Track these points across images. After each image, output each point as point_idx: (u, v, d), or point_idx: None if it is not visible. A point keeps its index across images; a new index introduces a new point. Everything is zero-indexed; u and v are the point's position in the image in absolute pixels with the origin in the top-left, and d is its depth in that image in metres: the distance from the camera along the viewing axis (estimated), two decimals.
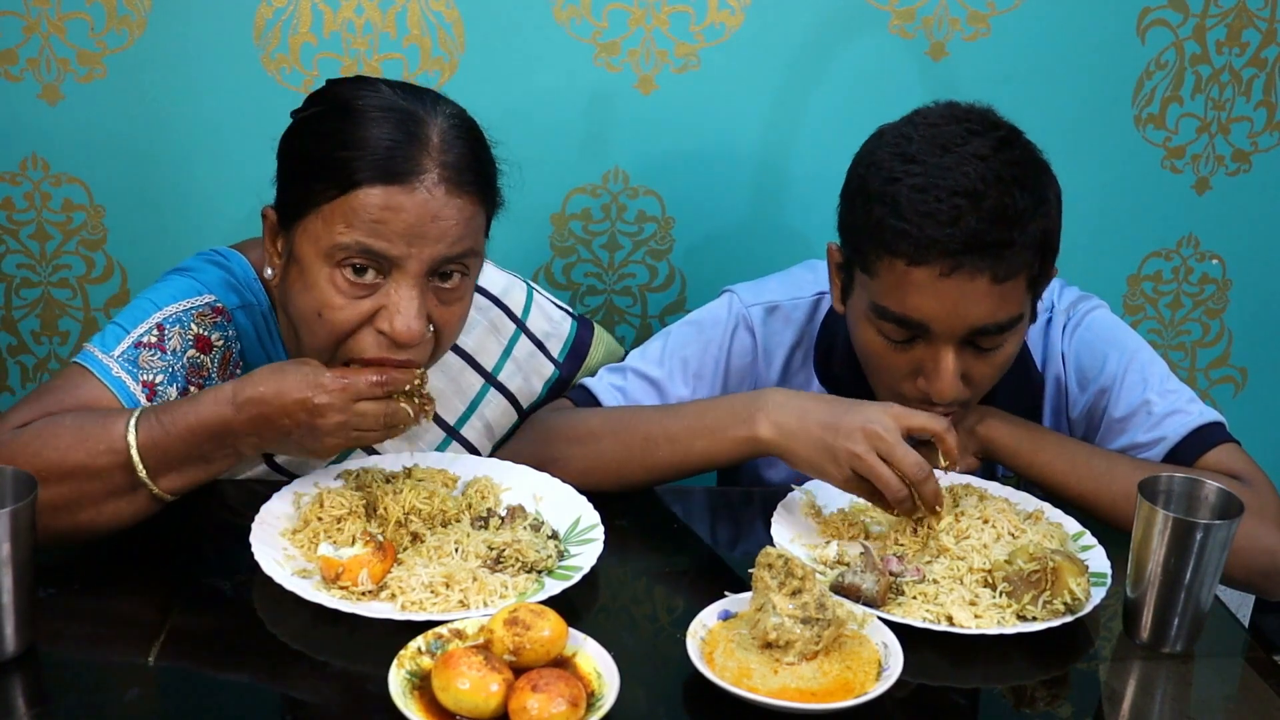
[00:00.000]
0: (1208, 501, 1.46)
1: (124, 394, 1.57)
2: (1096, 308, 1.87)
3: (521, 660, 1.26)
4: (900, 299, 1.62)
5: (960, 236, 1.56)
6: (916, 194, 1.58)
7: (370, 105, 1.53)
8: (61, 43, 2.12)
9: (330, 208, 1.50)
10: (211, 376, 1.65)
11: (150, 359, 1.60)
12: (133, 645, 1.39)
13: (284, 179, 1.59)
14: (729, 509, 1.80)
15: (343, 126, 1.52)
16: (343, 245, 1.49)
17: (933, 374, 1.64)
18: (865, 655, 1.34)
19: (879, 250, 1.62)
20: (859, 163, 1.69)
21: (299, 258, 1.54)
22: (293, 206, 1.55)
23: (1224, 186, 2.47)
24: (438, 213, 1.50)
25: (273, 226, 1.60)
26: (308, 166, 1.53)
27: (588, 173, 2.33)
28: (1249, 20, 2.35)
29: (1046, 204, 1.63)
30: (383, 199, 1.49)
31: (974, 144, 1.60)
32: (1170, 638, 1.43)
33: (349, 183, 1.49)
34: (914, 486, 1.53)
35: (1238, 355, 2.62)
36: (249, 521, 1.50)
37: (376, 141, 1.50)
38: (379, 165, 1.49)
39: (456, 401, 1.82)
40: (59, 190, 2.22)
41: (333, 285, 1.51)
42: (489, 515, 1.56)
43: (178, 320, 1.63)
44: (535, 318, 1.88)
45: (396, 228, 1.49)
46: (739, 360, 1.86)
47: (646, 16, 2.22)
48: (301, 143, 1.57)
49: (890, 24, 2.27)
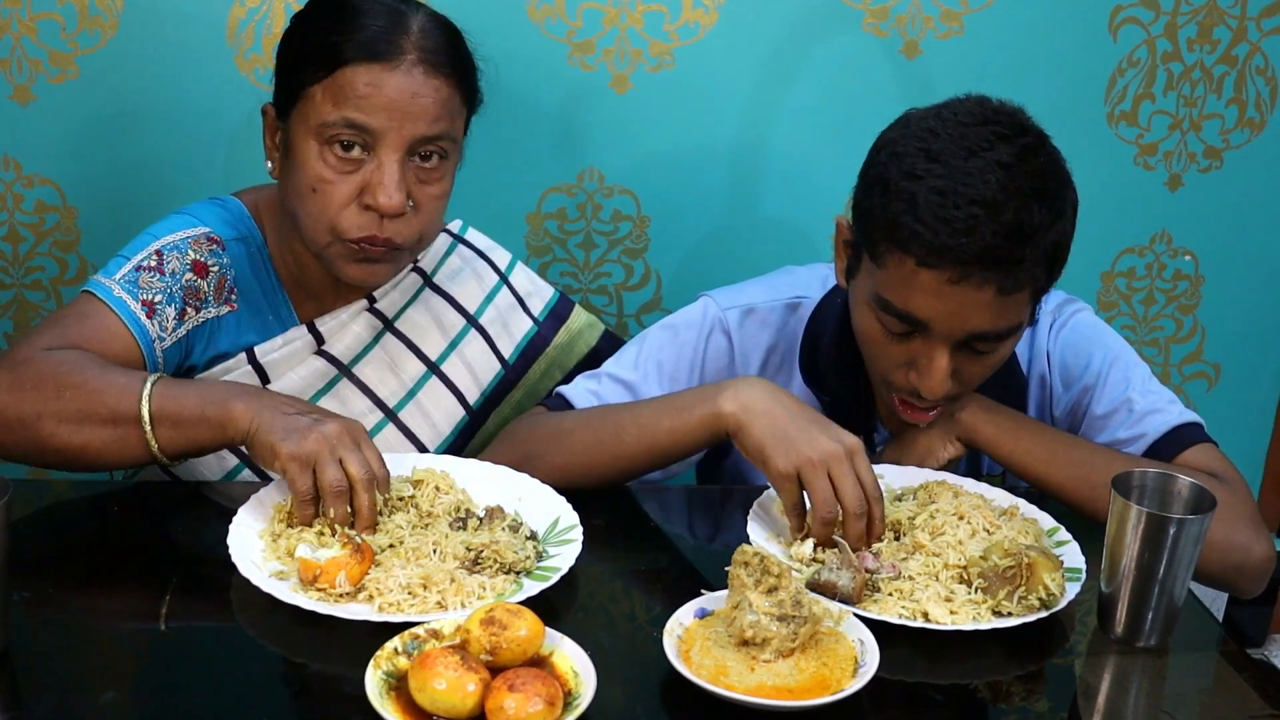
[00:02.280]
0: (1181, 496, 1.47)
1: (125, 312, 1.67)
2: (1081, 310, 1.89)
3: (498, 660, 1.26)
4: (905, 296, 1.62)
5: (973, 247, 1.56)
6: (935, 196, 1.57)
7: (361, 2, 1.68)
8: (33, 43, 2.11)
9: (319, 88, 1.65)
10: (208, 299, 1.75)
11: (150, 280, 1.70)
12: (108, 648, 1.38)
13: (280, 73, 1.73)
14: (706, 507, 1.81)
15: (334, 17, 1.68)
16: (329, 122, 1.65)
17: (924, 370, 1.65)
18: (841, 652, 1.34)
19: (890, 244, 1.61)
20: (882, 147, 1.67)
21: (293, 142, 1.69)
22: (287, 95, 1.70)
23: (1196, 183, 2.49)
24: (417, 90, 1.65)
25: (271, 122, 1.74)
26: (301, 54, 1.69)
27: (563, 172, 2.33)
28: (1220, 18, 2.37)
29: (1063, 217, 1.63)
30: (366, 76, 1.64)
31: (999, 150, 1.59)
32: (1145, 632, 1.44)
33: (336, 62, 1.64)
34: (845, 517, 1.52)
35: (1210, 351, 2.64)
36: (226, 523, 1.49)
37: (363, 27, 1.65)
38: (364, 45, 1.64)
39: (438, 337, 1.89)
40: (31, 192, 2.21)
41: (323, 161, 1.66)
42: (467, 516, 1.56)
43: (175, 247, 1.74)
44: (518, 276, 1.99)
45: (379, 102, 1.64)
46: (714, 363, 1.86)
47: (621, 15, 2.22)
48: (296, 36, 1.72)
49: (864, 22, 2.28)
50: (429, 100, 1.66)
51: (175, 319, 1.71)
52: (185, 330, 1.73)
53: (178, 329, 1.72)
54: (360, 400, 1.83)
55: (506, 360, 1.94)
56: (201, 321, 1.75)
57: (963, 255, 1.56)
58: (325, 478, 1.46)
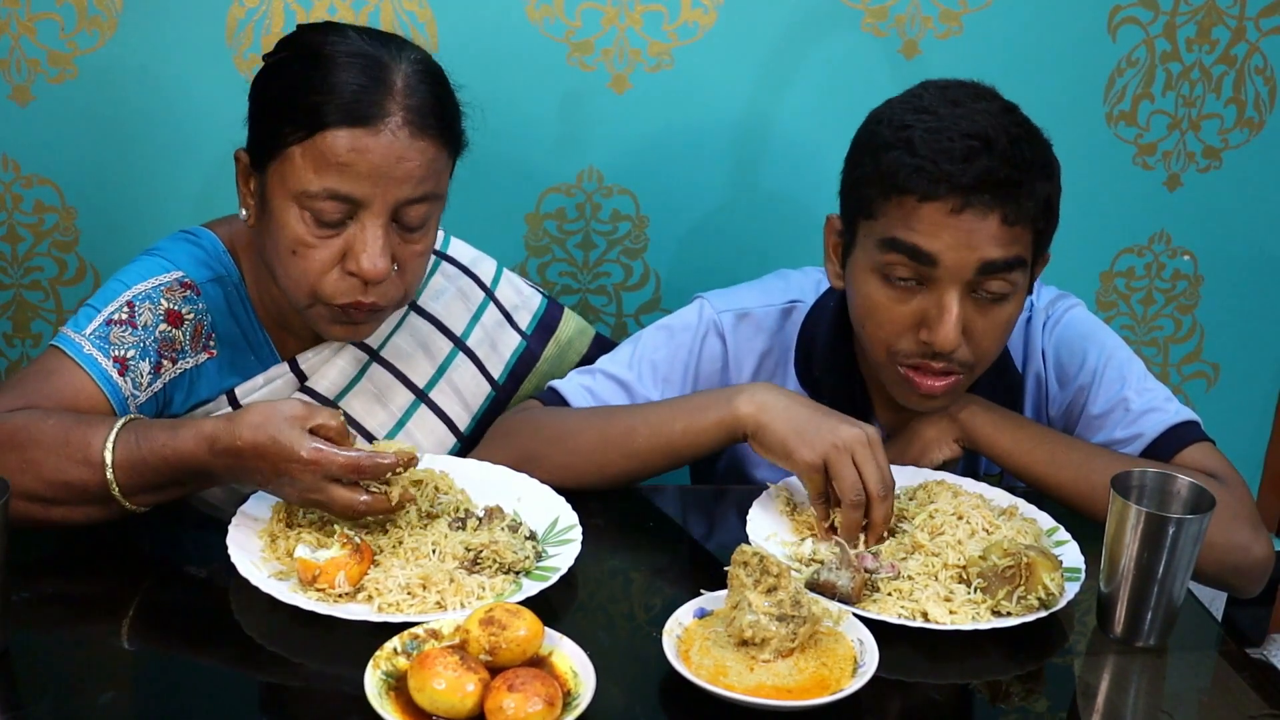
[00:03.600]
0: (1180, 496, 1.47)
1: (96, 371, 1.60)
2: (1074, 306, 1.89)
3: (497, 660, 1.26)
4: (910, 232, 1.63)
5: (973, 173, 1.59)
6: (930, 135, 1.62)
7: (338, 51, 1.59)
8: (32, 43, 2.11)
9: (299, 150, 1.57)
10: (184, 349, 1.68)
11: (121, 335, 1.63)
12: (108, 648, 1.38)
13: (255, 122, 1.64)
14: (705, 507, 1.81)
15: (311, 72, 1.58)
16: (311, 191, 1.57)
17: (936, 320, 1.65)
18: (841, 652, 1.34)
19: (890, 191, 1.64)
20: (867, 124, 1.72)
21: (270, 200, 1.61)
22: (264, 149, 1.61)
23: (1195, 183, 2.49)
24: (402, 154, 1.57)
25: (245, 169, 1.65)
26: (278, 110, 1.59)
27: (562, 172, 2.33)
28: (1219, 18, 2.37)
29: (1051, 169, 1.67)
30: (349, 141, 1.55)
31: (983, 103, 1.66)
32: (1144, 632, 1.44)
33: (317, 125, 1.56)
34: (870, 501, 1.53)
35: (1209, 350, 2.64)
36: (226, 523, 1.49)
37: (343, 86, 1.56)
38: (345, 108, 1.56)
39: (426, 365, 1.85)
40: (30, 192, 2.21)
41: (303, 224, 1.59)
42: (466, 516, 1.56)
43: (147, 297, 1.66)
44: (504, 289, 1.93)
45: (362, 169, 1.56)
46: (708, 366, 1.87)
47: (620, 15, 2.22)
48: (272, 87, 1.62)
49: (863, 22, 2.28)
50: (414, 164, 1.58)
51: (150, 373, 1.64)
52: (162, 383, 1.66)
53: (153, 383, 1.65)
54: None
55: (496, 381, 1.90)
56: (179, 373, 1.68)
57: (963, 182, 1.59)
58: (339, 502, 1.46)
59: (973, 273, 1.63)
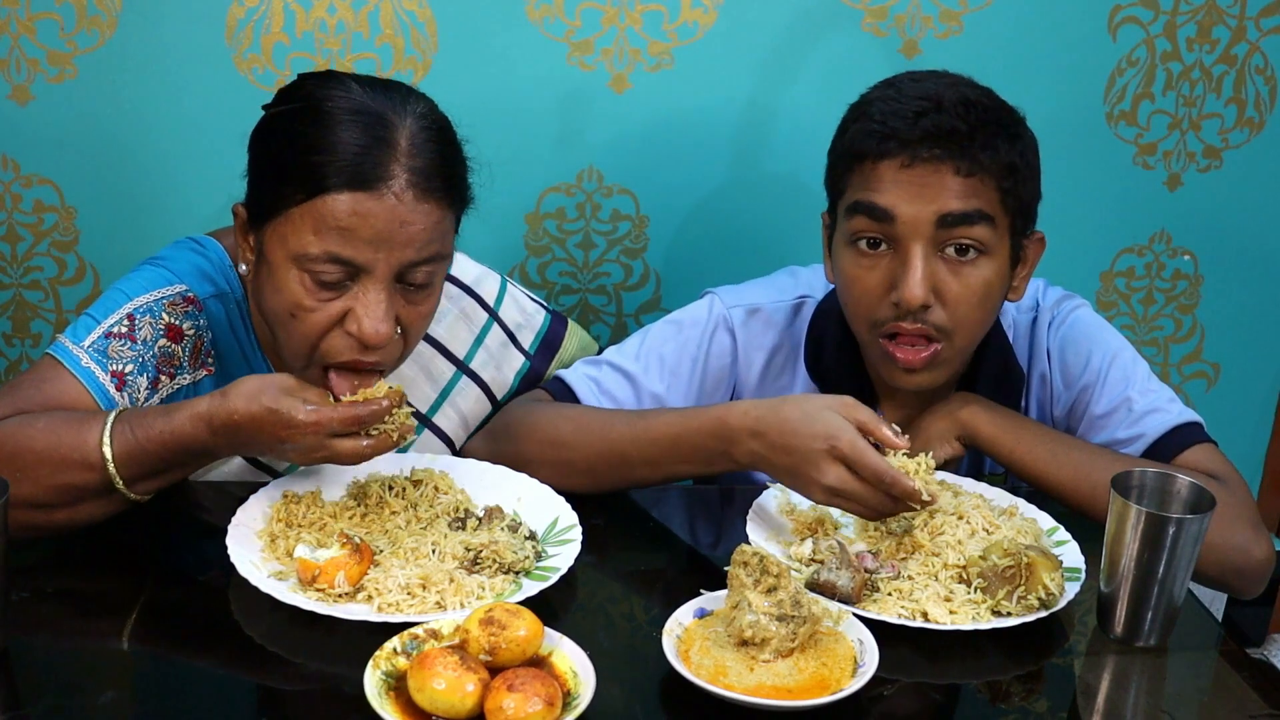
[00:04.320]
0: (1180, 496, 1.47)
1: (93, 384, 1.58)
2: (1080, 306, 1.89)
3: (497, 660, 1.26)
4: (867, 193, 1.67)
5: (921, 127, 1.64)
6: (885, 103, 1.68)
7: (340, 108, 1.52)
8: (31, 43, 2.11)
9: (299, 211, 1.51)
10: (183, 365, 1.65)
11: (120, 349, 1.60)
12: (108, 648, 1.38)
13: (254, 178, 1.59)
14: (705, 507, 1.81)
15: (312, 130, 1.51)
16: (311, 255, 1.50)
17: (902, 278, 1.66)
18: (841, 652, 1.34)
19: (850, 161, 1.70)
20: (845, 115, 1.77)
21: (269, 258, 1.55)
22: (263, 207, 1.55)
23: (1195, 183, 2.49)
24: (405, 218, 1.51)
25: (243, 223, 1.60)
26: (277, 169, 1.54)
27: (562, 172, 2.33)
28: (1219, 17, 2.37)
29: (1016, 132, 1.69)
30: (350, 205, 1.49)
31: (948, 78, 1.71)
32: (1144, 632, 1.44)
33: (318, 188, 1.49)
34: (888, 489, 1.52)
35: (1210, 350, 2.64)
36: (225, 523, 1.49)
37: (345, 147, 1.50)
38: (347, 171, 1.49)
39: (428, 389, 1.82)
40: (30, 191, 2.21)
41: (302, 287, 1.52)
42: (466, 516, 1.56)
43: (148, 310, 1.63)
44: (508, 308, 1.89)
45: (364, 234, 1.49)
46: (717, 361, 1.87)
47: (620, 15, 2.22)
48: (272, 143, 1.57)
49: (863, 22, 2.28)
50: (418, 227, 1.51)
51: (147, 388, 1.61)
52: (159, 398, 1.63)
53: (150, 398, 1.62)
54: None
55: (500, 402, 1.87)
56: (176, 389, 1.65)
57: (911, 136, 1.64)
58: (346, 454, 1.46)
59: (932, 226, 1.65)
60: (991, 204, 1.66)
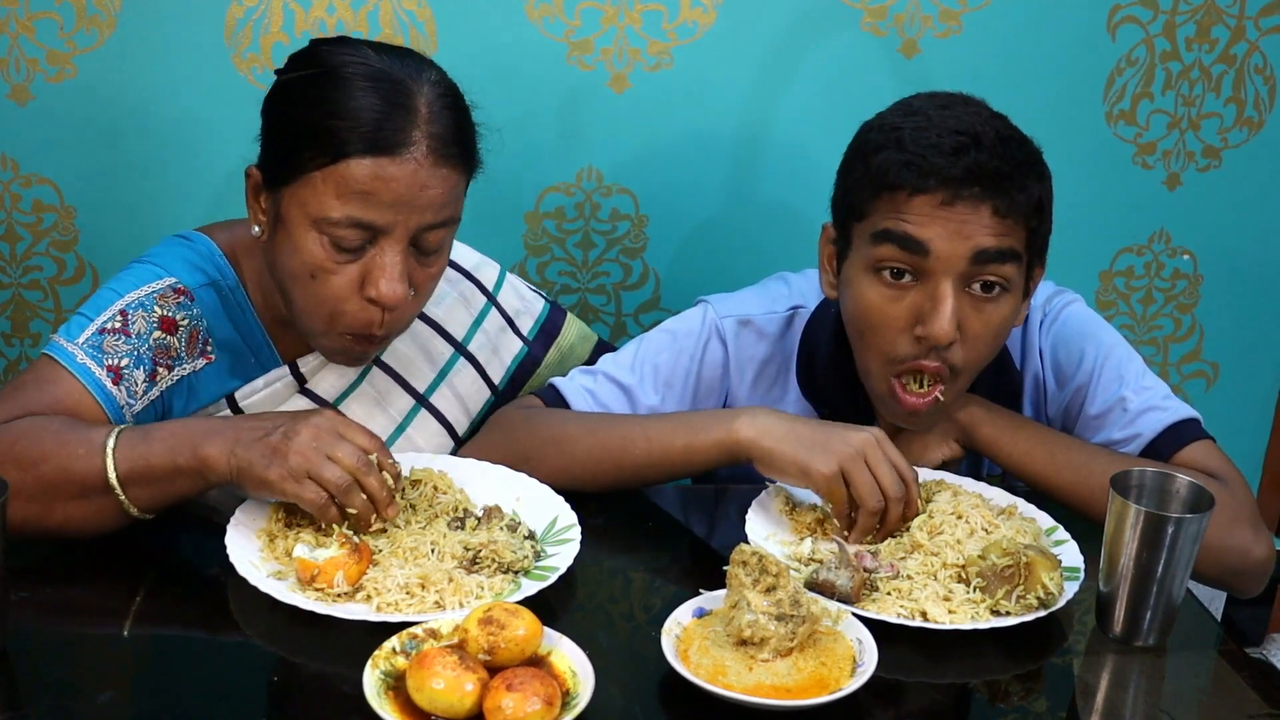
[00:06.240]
0: (1179, 496, 1.47)
1: (89, 380, 1.58)
2: (1072, 302, 1.88)
3: (496, 660, 1.26)
4: (900, 221, 1.64)
5: (962, 165, 1.61)
6: (919, 133, 1.64)
7: (357, 73, 1.55)
8: (30, 42, 2.11)
9: (320, 175, 1.54)
10: (180, 356, 1.66)
11: (115, 344, 1.61)
12: (106, 648, 1.38)
13: (270, 142, 1.61)
14: (704, 507, 1.81)
15: (332, 95, 1.55)
16: (333, 219, 1.54)
17: (931, 313, 1.64)
18: (840, 651, 1.34)
19: (879, 190, 1.66)
20: (858, 134, 1.73)
21: (287, 221, 1.58)
22: (280, 170, 1.58)
23: (1194, 182, 2.49)
24: (425, 182, 1.55)
25: (256, 185, 1.62)
26: (296, 133, 1.56)
27: (561, 171, 2.33)
28: (1218, 17, 2.37)
29: (1042, 172, 1.68)
30: (373, 170, 1.53)
31: (972, 107, 1.68)
32: (1143, 631, 1.44)
33: (340, 152, 1.53)
34: (887, 503, 1.54)
35: (1209, 350, 2.64)
36: (225, 522, 1.49)
37: (366, 112, 1.53)
38: (368, 137, 1.53)
39: (426, 369, 1.84)
40: (29, 191, 2.21)
41: (322, 250, 1.57)
42: (465, 516, 1.56)
43: (140, 305, 1.64)
44: (507, 294, 1.92)
45: (385, 198, 1.54)
46: (710, 371, 1.86)
47: (619, 15, 2.22)
48: (290, 107, 1.59)
49: (862, 21, 2.28)
50: (437, 191, 1.57)
51: (145, 381, 1.62)
52: (158, 391, 1.64)
53: (149, 391, 1.63)
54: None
55: (497, 387, 1.89)
56: (176, 380, 1.66)
57: (952, 174, 1.61)
58: (327, 480, 1.44)
59: (966, 263, 1.63)
60: (1020, 242, 1.66)
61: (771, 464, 1.59)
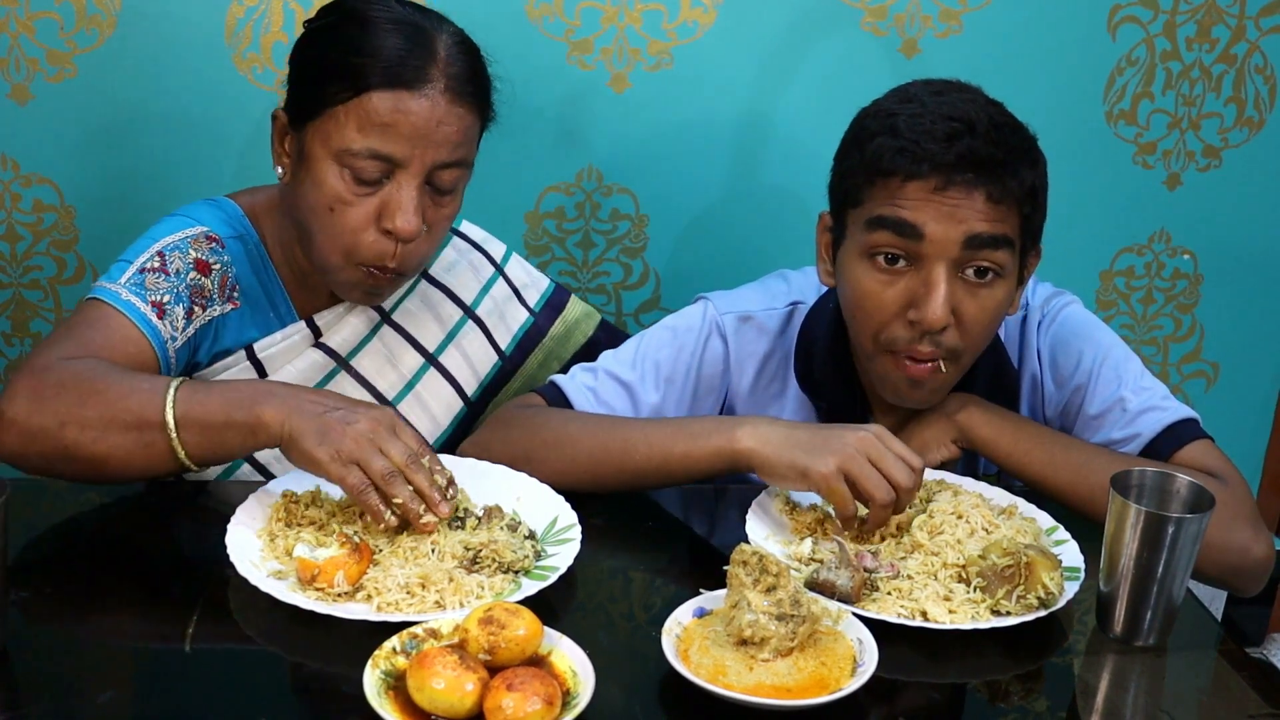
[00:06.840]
0: (1179, 495, 1.47)
1: (136, 315, 1.65)
2: (1070, 303, 1.88)
3: (496, 659, 1.26)
4: (894, 207, 1.65)
5: (955, 151, 1.62)
6: (914, 119, 1.65)
7: (382, 17, 1.66)
8: (31, 42, 2.11)
9: (343, 109, 1.63)
10: (213, 297, 1.74)
11: (156, 281, 1.68)
12: (107, 648, 1.38)
13: (296, 82, 1.70)
14: (704, 506, 1.81)
15: (357, 34, 1.65)
16: (354, 150, 1.63)
17: (924, 298, 1.65)
18: (840, 651, 1.34)
19: (874, 176, 1.67)
20: (854, 121, 1.75)
21: (310, 155, 1.67)
22: (305, 108, 1.67)
23: (1195, 182, 2.49)
24: (442, 118, 1.64)
25: (282, 127, 1.71)
26: (322, 70, 1.65)
27: (561, 171, 2.33)
28: (1218, 17, 2.37)
29: (1035, 159, 1.68)
30: (393, 102, 1.62)
31: (967, 94, 1.69)
32: (1143, 631, 1.44)
33: (361, 86, 1.62)
34: (899, 493, 1.53)
35: (1209, 350, 2.64)
36: (224, 522, 1.49)
37: (389, 50, 1.63)
38: (390, 71, 1.62)
39: (435, 329, 1.90)
40: (29, 191, 2.21)
41: (342, 182, 1.65)
42: (465, 515, 1.56)
43: (176, 247, 1.72)
44: (514, 267, 2.00)
45: (404, 130, 1.63)
46: (710, 368, 1.86)
47: (619, 15, 2.22)
48: (316, 49, 1.69)
49: (863, 21, 2.28)
50: (453, 128, 1.65)
51: (184, 318, 1.69)
52: (194, 329, 1.71)
53: (187, 328, 1.70)
54: (358, 393, 1.83)
55: (504, 351, 1.95)
56: (207, 320, 1.73)
57: (945, 160, 1.62)
58: (374, 470, 1.46)
59: (959, 248, 1.63)
60: (1014, 228, 1.66)
61: (772, 471, 1.59)
